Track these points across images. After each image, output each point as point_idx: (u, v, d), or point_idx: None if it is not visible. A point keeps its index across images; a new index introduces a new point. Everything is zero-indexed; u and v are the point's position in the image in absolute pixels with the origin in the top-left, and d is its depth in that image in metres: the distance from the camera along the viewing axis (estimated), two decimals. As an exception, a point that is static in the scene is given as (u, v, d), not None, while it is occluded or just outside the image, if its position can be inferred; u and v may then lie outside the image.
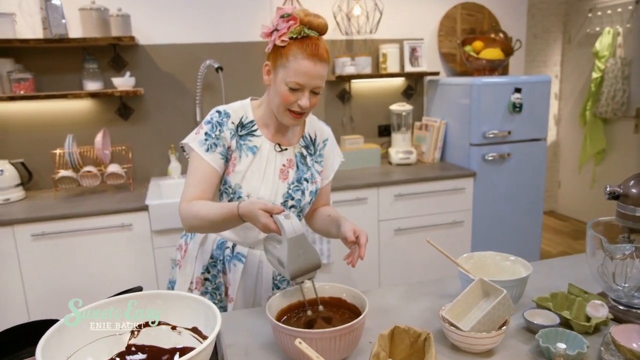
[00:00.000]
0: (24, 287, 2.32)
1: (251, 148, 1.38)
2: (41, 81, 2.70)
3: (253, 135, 1.39)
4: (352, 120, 3.32)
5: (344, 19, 3.11)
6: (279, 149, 1.41)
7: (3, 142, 2.71)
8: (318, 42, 1.26)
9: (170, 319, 1.03)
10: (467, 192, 2.95)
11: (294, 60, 1.24)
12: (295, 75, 1.25)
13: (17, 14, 2.60)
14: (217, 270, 1.46)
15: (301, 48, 1.24)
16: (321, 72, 1.26)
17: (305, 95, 1.28)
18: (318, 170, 1.47)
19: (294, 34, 1.24)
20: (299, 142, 1.45)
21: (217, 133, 1.34)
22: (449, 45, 3.41)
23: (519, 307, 1.26)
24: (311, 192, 1.45)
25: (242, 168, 1.36)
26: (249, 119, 1.39)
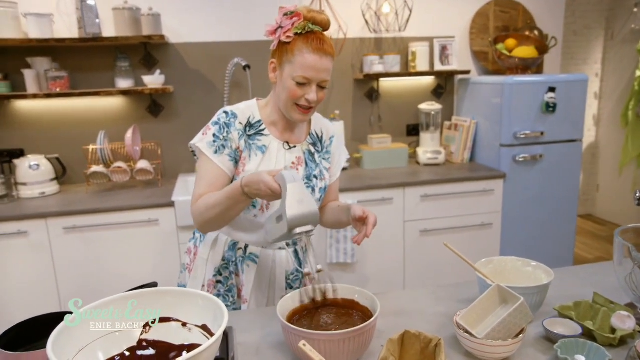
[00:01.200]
0: (56, 277, 2.40)
1: (260, 147, 1.38)
2: (76, 79, 2.79)
3: (261, 134, 1.39)
4: (380, 119, 3.29)
5: (373, 17, 3.07)
6: (287, 147, 1.41)
7: (39, 138, 2.81)
8: (322, 36, 1.28)
9: (180, 315, 1.04)
10: (496, 194, 2.87)
11: (300, 55, 1.26)
12: (302, 69, 1.26)
13: (55, 15, 2.69)
14: (229, 272, 1.46)
15: (306, 43, 1.26)
16: (327, 65, 1.28)
17: (312, 89, 1.29)
18: (326, 167, 1.48)
19: (298, 29, 1.27)
20: (306, 139, 1.46)
21: (225, 134, 1.35)
22: (481, 43, 3.32)
23: (539, 316, 1.22)
24: (321, 189, 1.45)
25: (252, 168, 1.36)
26: (256, 119, 1.40)
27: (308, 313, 1.17)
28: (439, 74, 3.17)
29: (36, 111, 2.79)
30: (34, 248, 2.35)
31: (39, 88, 2.66)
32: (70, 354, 0.90)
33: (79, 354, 0.92)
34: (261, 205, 1.38)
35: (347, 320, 1.14)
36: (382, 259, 2.79)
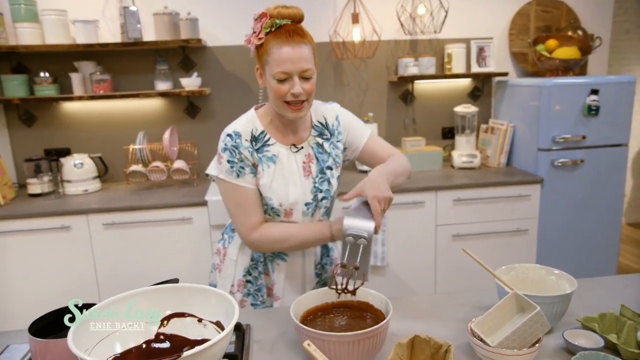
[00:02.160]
0: (96, 270, 2.51)
1: (270, 158, 1.39)
2: (118, 81, 2.91)
3: (268, 144, 1.40)
4: (415, 122, 3.26)
5: (408, 19, 3.05)
6: (294, 149, 1.42)
7: (83, 138, 2.96)
8: (291, 27, 1.28)
9: (196, 311, 1.08)
10: (533, 200, 2.79)
11: (273, 51, 1.26)
12: (278, 64, 1.26)
13: (100, 21, 2.82)
14: (257, 272, 1.49)
15: (276, 38, 1.26)
16: (301, 54, 1.26)
17: (295, 81, 1.28)
18: (341, 148, 1.48)
19: (267, 28, 1.27)
20: (311, 134, 1.45)
21: (239, 156, 1.36)
22: (521, 44, 3.24)
23: (560, 326, 1.18)
24: (338, 177, 1.47)
25: (267, 181, 1.38)
26: (259, 130, 1.40)
27: (322, 314, 1.19)
28: (476, 76, 3.11)
29: (81, 112, 2.94)
30: (75, 242, 2.47)
31: (84, 90, 2.80)
32: (89, 344, 0.95)
33: (98, 344, 0.97)
34: (285, 211, 1.41)
35: (360, 322, 1.15)
36: (412, 263, 2.76)
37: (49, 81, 2.75)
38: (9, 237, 2.41)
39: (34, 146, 2.93)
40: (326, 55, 3.09)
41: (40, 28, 2.70)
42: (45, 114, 2.92)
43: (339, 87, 3.15)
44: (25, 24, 2.66)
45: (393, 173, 1.37)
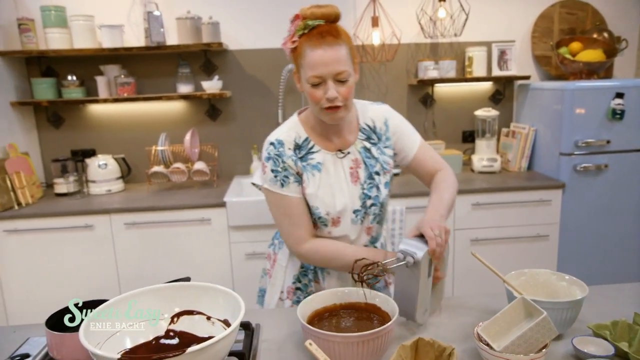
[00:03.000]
0: (117, 268, 2.58)
1: (315, 166, 1.35)
2: (142, 84, 2.99)
3: (312, 152, 1.36)
4: (434, 126, 3.24)
5: (428, 22, 3.04)
6: (341, 155, 1.37)
7: (108, 139, 3.04)
8: (324, 28, 1.23)
9: (204, 309, 1.11)
10: (554, 205, 2.74)
11: (306, 55, 1.22)
12: (311, 68, 1.22)
13: (125, 25, 2.90)
14: (307, 279, 1.46)
15: (308, 40, 1.22)
16: (334, 56, 1.20)
17: (329, 85, 1.22)
18: (390, 155, 1.42)
19: (300, 30, 1.24)
20: (357, 137, 1.40)
21: (282, 165, 1.33)
22: (544, 47, 3.19)
23: (571, 332, 1.16)
24: (387, 184, 1.41)
25: (313, 190, 1.34)
26: (302, 138, 1.36)
27: (329, 315, 1.20)
28: (497, 79, 3.08)
29: (106, 114, 3.02)
30: (98, 241, 2.54)
31: (109, 93, 2.88)
32: (101, 339, 0.98)
33: (109, 339, 1.00)
34: (332, 220, 1.37)
35: (366, 324, 1.16)
36: (430, 266, 2.74)
37: (76, 84, 2.84)
38: (36, 234, 2.50)
39: (61, 147, 3.03)
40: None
41: (68, 33, 2.79)
42: (72, 115, 3.01)
43: (359, 90, 3.15)
44: (55, 29, 2.76)
45: (448, 207, 1.34)
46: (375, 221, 1.44)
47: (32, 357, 1.15)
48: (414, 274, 1.16)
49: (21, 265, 2.53)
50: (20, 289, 2.55)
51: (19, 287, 2.55)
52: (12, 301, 2.57)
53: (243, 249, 2.60)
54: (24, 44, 2.77)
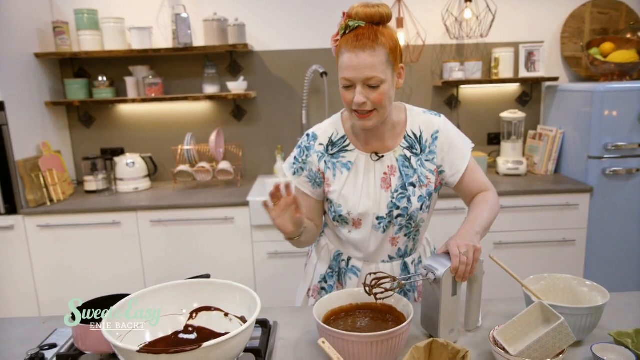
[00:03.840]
0: (143, 264, 2.65)
1: (345, 165, 1.34)
2: (169, 85, 3.05)
3: (346, 150, 1.35)
4: (459, 127, 3.18)
5: (454, 23, 3.01)
6: (375, 157, 1.34)
7: (136, 139, 3.12)
8: (361, 30, 1.18)
9: (222, 305, 1.13)
10: (581, 209, 2.68)
11: (340, 56, 1.21)
12: (342, 70, 1.20)
13: (154, 27, 2.97)
14: (333, 280, 1.46)
15: (345, 42, 1.20)
16: (367, 61, 1.16)
17: (357, 90, 1.20)
18: (430, 169, 1.34)
19: (342, 30, 1.21)
20: (399, 144, 1.35)
21: (304, 158, 1.37)
22: (574, 47, 3.12)
23: (591, 339, 1.14)
24: (420, 197, 1.33)
25: (338, 187, 1.34)
26: (339, 135, 1.36)
27: (345, 315, 1.21)
28: (524, 81, 3.03)
29: (135, 114, 3.10)
30: (125, 237, 2.61)
31: (137, 93, 2.96)
32: (122, 331, 1.02)
33: (130, 333, 1.03)
34: (353, 221, 1.35)
35: (381, 324, 1.16)
36: (452, 269, 2.72)
37: (106, 85, 2.93)
38: (66, 230, 2.58)
39: (91, 146, 3.13)
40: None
41: (100, 35, 2.88)
42: (103, 115, 3.10)
43: (383, 91, 3.14)
44: (87, 31, 2.85)
45: (485, 226, 1.27)
46: (402, 233, 1.37)
47: (58, 347, 1.20)
48: (436, 292, 1.15)
49: (52, 259, 2.62)
50: (51, 281, 2.65)
51: (51, 279, 2.65)
52: (44, 293, 2.66)
53: (265, 248, 2.63)
54: (58, 46, 2.87)
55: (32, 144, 2.72)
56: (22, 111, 2.65)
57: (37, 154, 2.74)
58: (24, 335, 1.29)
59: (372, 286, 1.16)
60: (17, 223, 2.58)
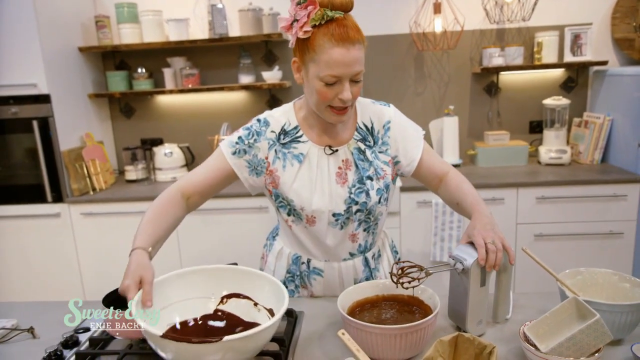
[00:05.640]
0: (180, 251, 2.71)
1: (296, 156, 1.27)
2: (205, 75, 3.10)
3: (298, 141, 1.28)
4: (499, 115, 3.10)
5: (494, 6, 2.90)
6: (329, 151, 1.28)
7: (173, 128, 3.18)
8: (345, 22, 1.12)
9: (251, 294, 1.13)
10: (630, 200, 2.54)
11: (323, 51, 1.10)
12: (329, 67, 1.11)
13: (191, 19, 3.01)
14: (294, 285, 1.41)
15: (327, 35, 1.10)
16: (356, 55, 1.12)
17: (345, 87, 1.14)
18: (385, 160, 1.31)
19: (315, 20, 1.10)
20: (352, 137, 1.30)
21: (251, 141, 1.27)
22: (626, 29, 2.94)
23: (632, 339, 1.08)
24: (379, 190, 1.29)
25: (288, 179, 1.27)
26: (292, 125, 1.29)
27: (371, 306, 1.19)
28: (569, 65, 2.89)
29: (173, 105, 3.16)
30: (163, 225, 2.67)
31: (175, 84, 3.01)
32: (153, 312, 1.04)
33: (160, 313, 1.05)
34: (307, 218, 1.30)
35: (408, 316, 1.14)
36: (490, 262, 2.64)
37: (145, 76, 3.00)
38: (108, 218, 2.68)
39: (132, 136, 3.22)
40: (407, 47, 3.04)
41: (139, 28, 2.94)
42: (142, 106, 3.18)
43: (420, 79, 3.08)
44: (127, 24, 2.92)
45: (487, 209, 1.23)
46: (361, 228, 1.33)
47: (92, 331, 1.24)
48: (464, 282, 1.12)
49: (96, 246, 2.73)
50: (95, 267, 2.76)
51: (94, 265, 2.75)
52: (88, 278, 2.78)
53: (299, 237, 2.63)
54: (100, 40, 2.96)
55: (76, 135, 2.83)
56: (67, 103, 2.75)
57: (81, 145, 2.84)
58: (62, 317, 1.34)
59: (399, 275, 1.13)
60: (63, 211, 2.70)
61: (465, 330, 1.14)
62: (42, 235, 2.73)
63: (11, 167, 2.71)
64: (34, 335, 1.24)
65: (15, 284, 2.81)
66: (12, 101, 2.61)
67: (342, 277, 1.39)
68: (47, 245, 2.74)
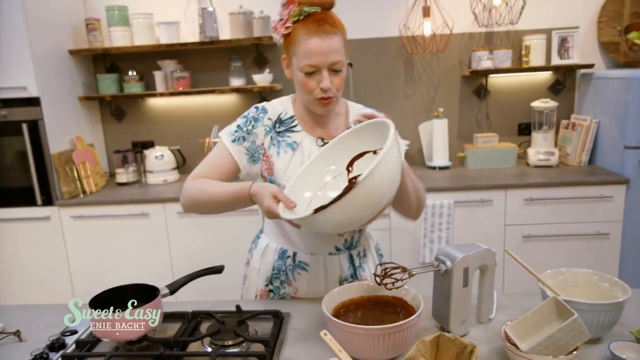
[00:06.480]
0: (171, 254, 2.72)
1: (290, 144, 1.32)
2: (196, 78, 3.10)
3: (292, 130, 1.34)
4: (488, 118, 3.13)
5: (482, 10, 2.93)
6: (321, 143, 1.33)
7: (164, 131, 3.19)
8: (321, 15, 1.20)
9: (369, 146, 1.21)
10: (616, 201, 2.57)
11: (301, 42, 1.19)
12: (306, 57, 1.19)
13: (181, 22, 3.02)
14: (280, 281, 1.42)
15: (304, 27, 1.19)
16: (332, 45, 1.19)
17: (324, 75, 1.21)
18: None
19: (294, 16, 1.20)
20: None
21: (250, 128, 1.33)
22: (611, 32, 2.98)
23: (610, 337, 1.10)
24: None
25: (282, 166, 1.31)
26: (288, 115, 1.35)
27: (356, 307, 1.20)
28: (557, 68, 2.92)
29: (163, 107, 3.17)
30: (153, 228, 2.68)
31: (165, 87, 3.02)
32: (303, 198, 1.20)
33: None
34: None
35: (392, 317, 1.15)
36: (479, 263, 2.67)
37: (135, 79, 3.00)
38: (98, 220, 2.68)
39: (123, 139, 3.22)
40: (397, 50, 3.06)
41: (130, 31, 2.95)
42: (133, 109, 3.18)
43: (410, 82, 3.10)
44: (118, 27, 2.92)
45: (411, 174, 1.28)
46: None
47: (79, 333, 1.24)
48: (447, 283, 1.14)
49: (86, 249, 2.72)
50: (85, 270, 2.75)
51: (85, 268, 2.75)
52: (79, 281, 2.77)
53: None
54: (91, 43, 2.96)
55: (66, 138, 2.83)
56: (57, 106, 2.75)
57: (71, 147, 2.84)
58: (49, 321, 1.35)
59: (383, 276, 1.15)
60: (53, 214, 2.69)
61: (448, 330, 1.15)
62: (32, 239, 2.73)
63: (1, 170, 2.70)
64: (20, 338, 1.24)
65: (5, 287, 2.80)
66: (2, 104, 2.61)
67: (326, 273, 1.40)
68: (38, 248, 2.74)
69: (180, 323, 1.26)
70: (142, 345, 1.16)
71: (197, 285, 1.55)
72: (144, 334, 1.13)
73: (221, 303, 1.38)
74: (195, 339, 1.17)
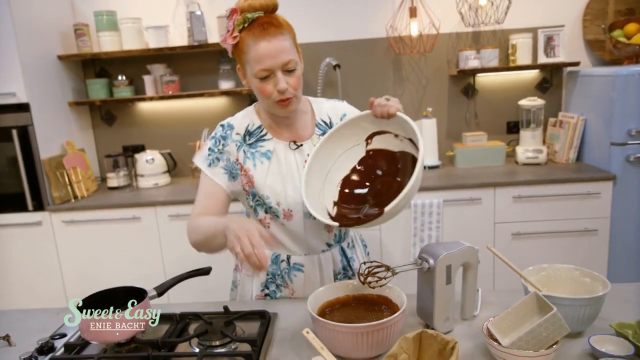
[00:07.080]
0: (162, 257, 2.72)
1: (264, 154, 1.33)
2: (186, 82, 3.11)
3: (263, 139, 1.34)
4: (477, 117, 3.15)
5: (468, 10, 2.95)
6: (294, 146, 1.35)
7: (155, 135, 3.19)
8: (265, 19, 1.21)
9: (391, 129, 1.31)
10: (603, 198, 2.60)
11: (250, 49, 1.19)
12: (257, 62, 1.19)
13: (170, 26, 3.03)
14: (275, 285, 1.43)
15: (250, 34, 1.19)
16: (281, 46, 1.19)
17: (278, 77, 1.21)
18: None
19: (239, 25, 1.20)
20: (314, 132, 1.38)
21: (220, 147, 1.33)
22: (596, 30, 3.01)
23: (591, 331, 1.12)
24: None
25: (261, 176, 1.31)
26: (255, 125, 1.35)
27: (341, 306, 1.22)
28: (543, 67, 2.95)
29: (153, 111, 3.18)
30: (145, 232, 2.69)
31: (155, 91, 3.03)
32: None
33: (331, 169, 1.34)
34: (284, 212, 1.33)
35: (376, 315, 1.17)
36: (469, 261, 2.69)
37: (125, 83, 3.01)
38: (90, 225, 2.68)
39: (113, 143, 3.22)
40: (384, 51, 3.08)
41: (119, 35, 2.95)
42: (123, 113, 3.19)
43: (399, 82, 3.13)
44: (107, 32, 2.93)
45: None
46: None
47: (68, 337, 1.25)
48: (430, 281, 1.15)
49: (78, 253, 2.73)
50: (77, 274, 2.75)
51: (77, 273, 2.75)
52: (71, 286, 2.78)
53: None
54: (80, 48, 2.96)
55: (57, 143, 2.83)
56: (47, 111, 2.75)
57: (62, 153, 2.84)
58: (39, 325, 1.35)
59: (366, 275, 1.16)
60: (44, 219, 2.69)
61: (433, 327, 1.17)
62: (24, 244, 2.72)
63: (-9, 176, 2.70)
64: (9, 342, 1.25)
65: (-4, 293, 2.80)
66: (-9, 110, 2.61)
67: (322, 270, 1.42)
68: (29, 253, 2.74)
69: (169, 324, 1.27)
70: (131, 347, 1.17)
71: (189, 287, 1.57)
72: (134, 335, 1.14)
73: (210, 304, 1.39)
74: (183, 340, 1.18)
